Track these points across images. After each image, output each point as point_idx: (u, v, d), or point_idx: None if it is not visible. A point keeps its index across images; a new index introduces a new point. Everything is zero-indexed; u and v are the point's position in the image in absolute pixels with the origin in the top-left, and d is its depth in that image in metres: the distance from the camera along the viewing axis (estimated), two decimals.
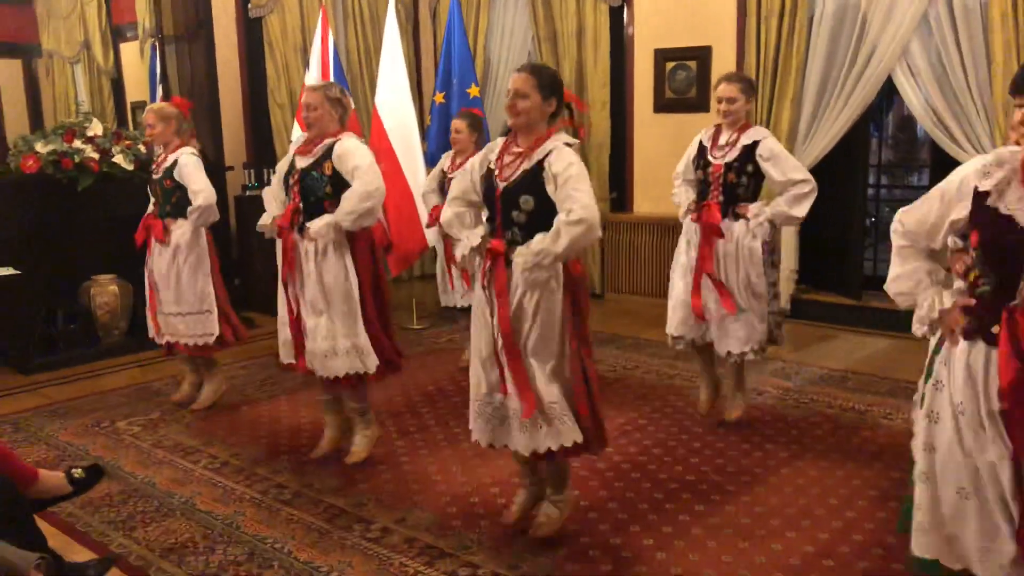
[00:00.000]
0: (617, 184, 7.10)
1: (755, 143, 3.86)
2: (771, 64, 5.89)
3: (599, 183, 7.05)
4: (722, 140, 3.94)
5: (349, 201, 3.46)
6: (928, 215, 2.21)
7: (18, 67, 7.28)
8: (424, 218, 5.47)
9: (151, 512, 3.36)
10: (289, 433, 4.20)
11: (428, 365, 5.29)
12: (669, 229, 6.27)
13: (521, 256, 2.73)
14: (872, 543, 3.02)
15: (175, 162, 4.33)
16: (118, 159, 5.74)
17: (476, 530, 3.16)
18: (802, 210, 3.86)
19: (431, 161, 6.17)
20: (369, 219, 3.53)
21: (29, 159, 5.42)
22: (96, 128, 5.83)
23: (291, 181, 3.62)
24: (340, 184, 3.51)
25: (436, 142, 6.21)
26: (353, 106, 5.72)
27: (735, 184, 3.89)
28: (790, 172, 3.85)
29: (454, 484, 3.52)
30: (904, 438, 3.87)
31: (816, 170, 5.88)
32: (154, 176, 4.44)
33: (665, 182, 4.36)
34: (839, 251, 6.19)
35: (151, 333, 4.54)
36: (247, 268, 6.65)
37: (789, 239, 6.07)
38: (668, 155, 6.49)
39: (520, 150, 2.84)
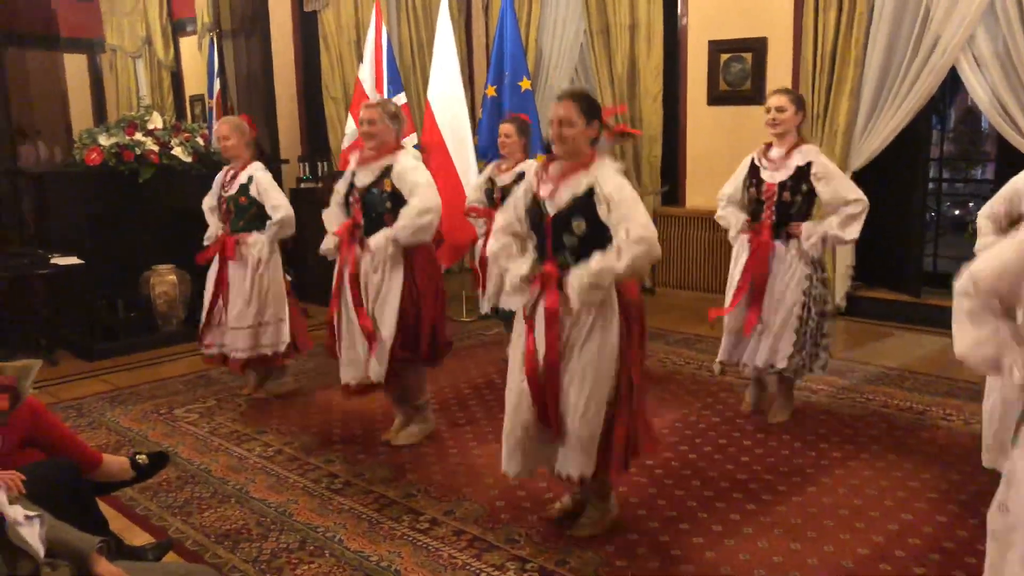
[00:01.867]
0: (669, 177, 7.03)
1: (809, 163, 3.81)
2: (829, 55, 5.76)
3: (651, 176, 7.00)
4: (773, 155, 3.89)
5: (407, 216, 3.59)
6: (1005, 272, 1.87)
7: (83, 62, 7.49)
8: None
9: (207, 498, 3.45)
10: (341, 423, 4.26)
11: (477, 357, 5.32)
12: None
13: (577, 278, 2.74)
14: (930, 548, 2.95)
15: (250, 178, 4.39)
16: (177, 151, 5.88)
17: (524, 524, 3.17)
18: (854, 231, 3.82)
19: (482, 154, 6.18)
20: (425, 234, 3.65)
21: (93, 152, 5.58)
22: (156, 121, 5.98)
23: (352, 199, 3.74)
24: (399, 200, 3.65)
25: (487, 135, 6.22)
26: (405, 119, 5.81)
27: (789, 203, 3.85)
28: (843, 192, 3.80)
29: (502, 477, 3.51)
30: (965, 440, 3.79)
31: (874, 164, 5.78)
32: (225, 193, 4.46)
33: (719, 175, 4.31)
34: (897, 247, 6.04)
35: (204, 347, 4.56)
36: (301, 260, 6.75)
37: None
38: (721, 148, 6.42)
39: (565, 176, 2.84)
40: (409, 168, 3.67)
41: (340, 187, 3.86)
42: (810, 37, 5.84)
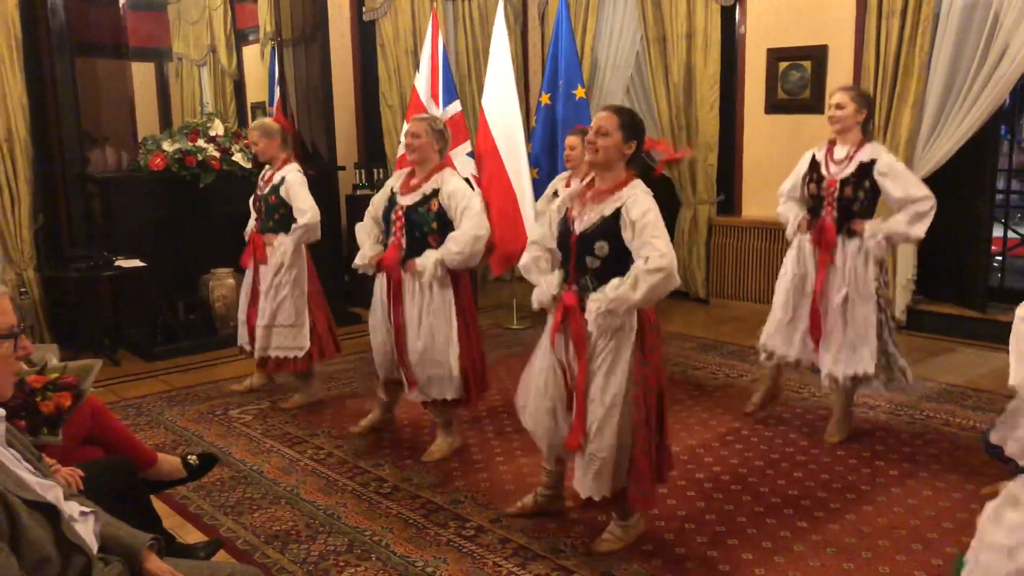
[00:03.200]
0: (725, 186, 6.94)
1: (873, 160, 3.69)
2: (892, 64, 5.62)
3: (706, 185, 6.92)
4: (838, 155, 3.79)
5: (458, 242, 3.57)
6: None
7: (151, 70, 7.71)
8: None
9: (258, 499, 3.50)
10: (391, 428, 4.29)
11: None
12: (778, 234, 6.08)
13: (595, 302, 2.73)
14: None
15: (282, 179, 4.45)
16: (237, 157, 6.01)
17: (570, 534, 3.15)
18: (921, 229, 3.68)
19: (534, 162, 6.19)
20: (474, 261, 3.66)
21: (157, 157, 5.74)
22: (217, 128, 6.13)
23: (394, 216, 3.73)
24: (445, 220, 3.65)
25: (541, 143, 6.23)
26: (440, 115, 5.85)
27: (851, 200, 3.73)
28: (911, 189, 3.66)
29: None
30: None
31: (939, 174, 5.62)
32: (259, 192, 4.57)
33: (775, 185, 4.23)
34: (962, 260, 5.86)
35: (243, 343, 4.68)
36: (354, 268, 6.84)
37: (907, 246, 5.78)
38: (779, 157, 6.31)
39: (595, 195, 2.85)
40: (460, 190, 3.64)
41: (378, 201, 3.86)
42: (872, 45, 5.71)
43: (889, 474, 3.64)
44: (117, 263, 5.42)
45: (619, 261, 2.75)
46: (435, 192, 3.65)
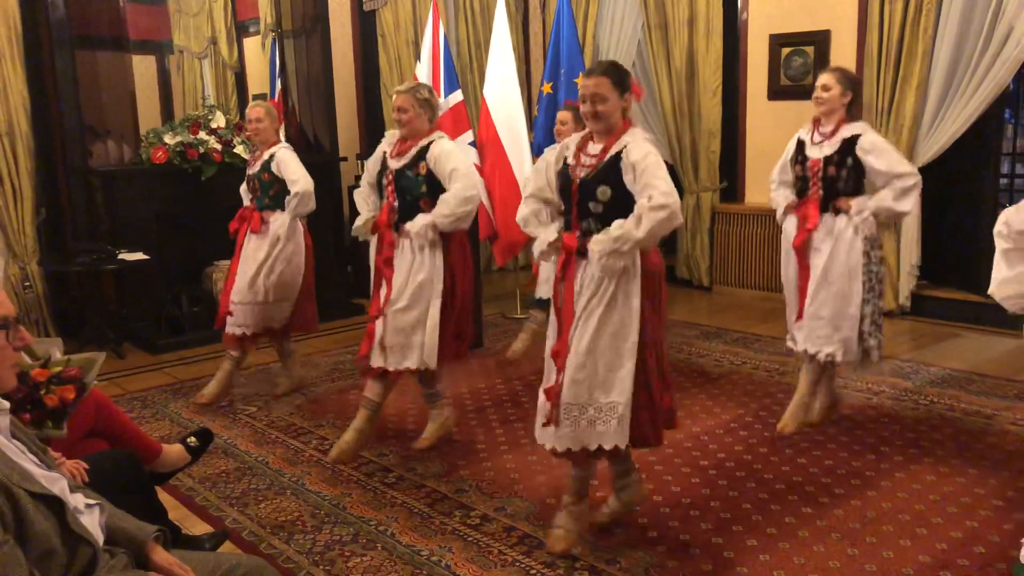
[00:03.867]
0: (728, 173, 6.92)
1: (855, 136, 3.68)
2: (895, 48, 5.59)
3: (709, 172, 6.90)
4: (823, 131, 3.78)
5: (448, 204, 3.53)
6: None
7: (152, 63, 7.69)
8: None
9: (263, 490, 3.52)
10: (395, 417, 4.30)
11: (530, 354, 5.30)
12: None
13: (599, 243, 2.72)
14: (996, 557, 2.84)
15: (272, 156, 4.49)
16: (238, 149, 6.01)
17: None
18: (908, 204, 3.66)
19: (537, 152, 6.16)
20: (466, 222, 3.61)
21: (159, 150, 5.74)
22: (219, 120, 6.12)
23: (385, 181, 3.71)
24: (434, 183, 3.60)
25: (543, 132, 6.20)
26: (441, 104, 5.83)
27: (835, 178, 3.73)
28: (894, 165, 3.64)
29: (553, 475, 3.52)
30: None
31: (943, 159, 5.61)
32: (250, 171, 4.62)
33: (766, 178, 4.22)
34: (966, 245, 5.84)
35: (224, 321, 4.56)
36: (359, 256, 6.84)
37: (911, 230, 5.77)
38: (782, 144, 6.21)
39: (600, 146, 2.85)
40: (447, 151, 3.59)
41: (371, 166, 3.83)
42: (875, 29, 5.68)
43: (893, 459, 3.64)
44: (120, 256, 5.43)
45: (621, 205, 2.75)
46: (423, 155, 3.61)
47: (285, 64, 7.00)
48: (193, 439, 2.99)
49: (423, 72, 6.11)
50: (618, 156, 2.77)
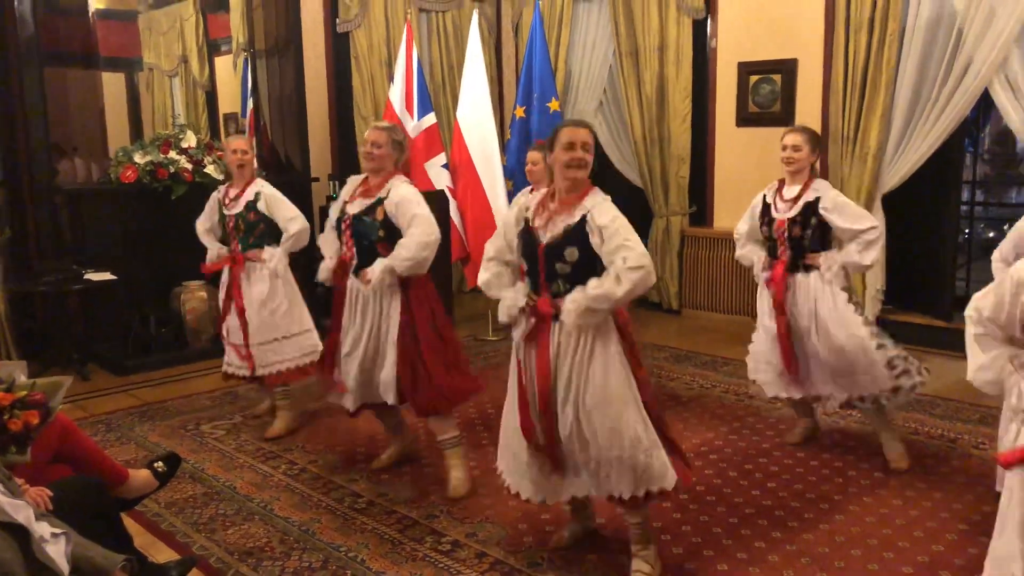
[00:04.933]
0: (697, 198, 7.01)
1: (817, 199, 3.78)
2: (860, 77, 5.72)
3: (678, 197, 6.98)
4: (786, 195, 3.87)
5: (408, 249, 3.50)
6: (1002, 305, 2.24)
7: (121, 80, 7.64)
8: None
9: (231, 515, 3.47)
10: (366, 442, 4.27)
11: (502, 377, 5.28)
12: None
13: (575, 302, 2.72)
14: None
15: (258, 194, 4.38)
16: (209, 169, 5.97)
17: (547, 547, 3.15)
18: (871, 257, 3.76)
19: (509, 174, 6.21)
20: (424, 267, 3.59)
21: (128, 169, 5.69)
22: (190, 139, 6.08)
23: (343, 227, 3.68)
24: (392, 228, 3.58)
25: (516, 156, 6.25)
26: (415, 127, 5.85)
27: (800, 238, 3.83)
28: (856, 221, 3.75)
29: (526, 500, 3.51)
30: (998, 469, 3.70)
31: (906, 186, 5.73)
32: (230, 211, 4.43)
33: (746, 196, 4.27)
34: (929, 270, 5.96)
35: (237, 370, 4.47)
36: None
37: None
38: (750, 170, 6.40)
39: (558, 206, 2.85)
40: (408, 196, 3.58)
41: (333, 212, 3.78)
42: (841, 59, 5.81)
43: (860, 483, 3.68)
44: (87, 276, 5.35)
45: (588, 265, 2.78)
46: (380, 200, 3.59)
47: (257, 83, 6.98)
48: (160, 464, 2.95)
49: (396, 94, 6.14)
50: (583, 219, 2.78)
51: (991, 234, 8.39)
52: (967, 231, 6.95)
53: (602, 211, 2.77)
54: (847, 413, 4.51)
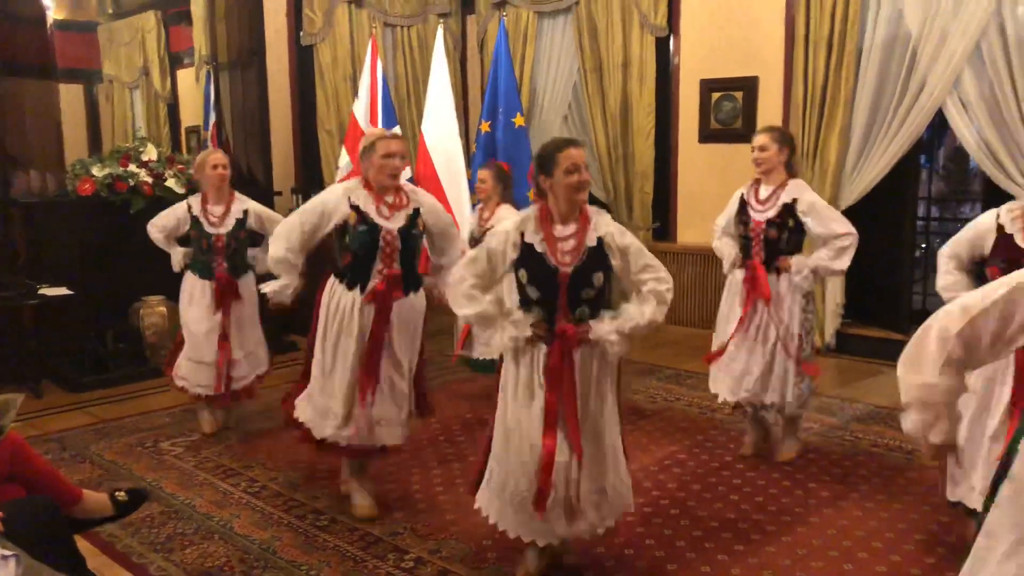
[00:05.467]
0: (660, 213, 7.07)
1: (795, 200, 3.83)
2: (819, 95, 5.83)
3: (642, 212, 7.03)
4: (762, 195, 3.92)
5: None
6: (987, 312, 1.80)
7: (79, 92, 7.52)
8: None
9: (190, 534, 3.40)
10: (325, 460, 4.21)
11: (467, 392, 5.29)
12: (712, 259, 6.20)
13: (625, 329, 2.73)
14: None
15: (245, 211, 4.36)
16: (170, 183, 5.89)
17: (512, 563, 3.13)
18: (844, 263, 3.84)
19: (474, 189, 6.20)
20: None
21: (85, 182, 5.59)
22: (150, 152, 6.00)
23: (383, 243, 3.36)
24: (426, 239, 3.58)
25: None
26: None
27: (776, 240, 3.88)
28: (832, 225, 3.82)
29: None
30: None
31: (864, 202, 5.83)
32: (216, 230, 4.33)
33: (709, 212, 4.33)
34: (887, 284, 6.07)
35: (216, 388, 4.40)
36: None
37: None
38: (713, 185, 6.46)
39: (570, 229, 2.77)
40: (436, 204, 3.61)
41: (317, 223, 3.42)
42: (800, 77, 5.91)
43: (821, 495, 3.72)
44: (41, 291, 5.24)
45: (607, 288, 2.81)
46: (417, 211, 3.46)
47: (220, 96, 6.91)
48: (122, 494, 2.87)
49: (361, 108, 6.12)
50: (599, 241, 2.75)
51: None
52: (923, 245, 7.10)
53: (618, 231, 2.78)
54: (808, 426, 4.56)
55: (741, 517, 3.52)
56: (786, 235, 3.86)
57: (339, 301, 3.43)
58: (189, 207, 4.44)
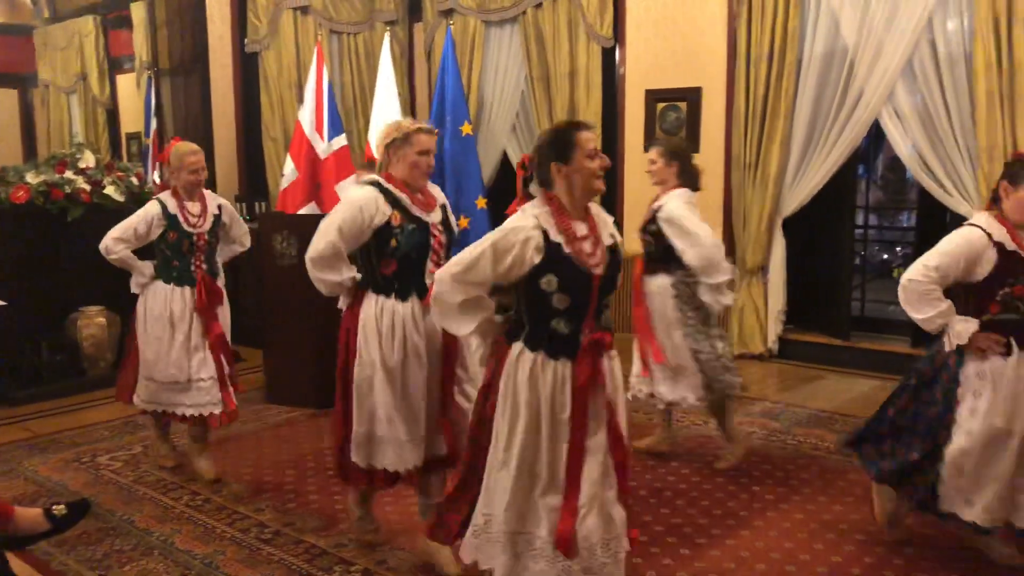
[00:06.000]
0: None
1: (659, 208, 3.93)
2: (760, 106, 5.96)
3: None
4: (653, 205, 4.04)
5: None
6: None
7: (14, 97, 7.33)
8: None
9: (128, 551, 3.31)
10: (273, 470, 4.16)
11: None
12: None
13: None
14: None
15: (220, 207, 4.10)
16: (109, 190, 5.75)
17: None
18: (726, 300, 3.89)
19: None
20: None
21: (19, 189, 5.42)
22: (88, 159, 5.85)
23: (434, 243, 3.03)
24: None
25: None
26: (325, 148, 5.78)
27: (648, 244, 4.02)
28: (680, 238, 3.82)
29: None
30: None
31: (805, 211, 5.97)
32: (197, 229, 3.97)
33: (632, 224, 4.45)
34: (827, 291, 6.21)
35: (212, 407, 3.97)
36: (236, 301, 6.62)
37: (777, 277, 6.11)
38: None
39: (586, 229, 2.43)
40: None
41: (358, 229, 2.94)
42: (742, 88, 6.03)
43: (765, 499, 3.78)
44: None
45: None
46: (445, 206, 3.17)
47: (162, 103, 6.79)
48: (61, 508, 2.78)
49: (306, 115, 6.06)
50: (613, 238, 2.49)
51: (884, 256, 8.84)
52: (862, 253, 7.30)
53: (614, 229, 2.52)
54: (751, 430, 4.63)
55: (686, 521, 3.56)
56: (651, 238, 3.97)
57: (393, 316, 2.98)
58: (163, 206, 3.96)
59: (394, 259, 2.97)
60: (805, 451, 4.37)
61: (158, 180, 6.64)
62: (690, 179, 3.99)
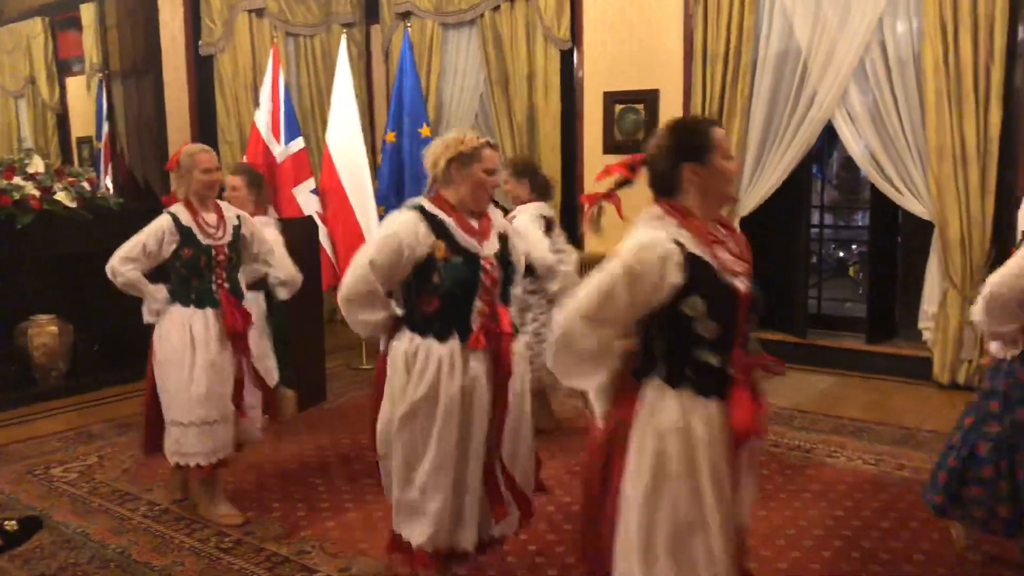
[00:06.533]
0: (568, 224, 7.14)
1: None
2: (717, 107, 6.02)
3: None
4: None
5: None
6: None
7: None
8: None
9: (83, 564, 3.23)
10: (232, 477, 4.09)
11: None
12: None
13: None
14: None
15: (239, 217, 3.63)
16: (60, 196, 5.61)
17: None
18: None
19: (381, 200, 6.17)
20: None
21: None
22: (37, 165, 5.71)
23: (483, 277, 2.67)
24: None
25: (387, 181, 6.21)
26: (282, 151, 5.71)
27: None
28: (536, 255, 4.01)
29: None
30: (848, 476, 3.94)
31: (761, 210, 6.04)
32: (217, 242, 3.50)
33: (612, 223, 4.40)
34: (784, 289, 6.30)
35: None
36: None
37: None
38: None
39: (725, 236, 2.15)
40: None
41: (397, 259, 2.61)
42: (699, 89, 6.09)
43: None
44: None
45: None
46: (505, 235, 2.83)
47: (113, 106, 6.66)
48: (12, 523, 2.71)
49: (262, 118, 6.00)
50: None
51: (840, 254, 9.00)
52: (818, 251, 7.42)
53: None
54: None
55: None
56: None
57: (428, 359, 2.63)
58: (175, 218, 3.46)
59: (436, 295, 2.62)
60: (764, 448, 4.41)
61: (110, 185, 6.52)
62: (542, 189, 4.29)
